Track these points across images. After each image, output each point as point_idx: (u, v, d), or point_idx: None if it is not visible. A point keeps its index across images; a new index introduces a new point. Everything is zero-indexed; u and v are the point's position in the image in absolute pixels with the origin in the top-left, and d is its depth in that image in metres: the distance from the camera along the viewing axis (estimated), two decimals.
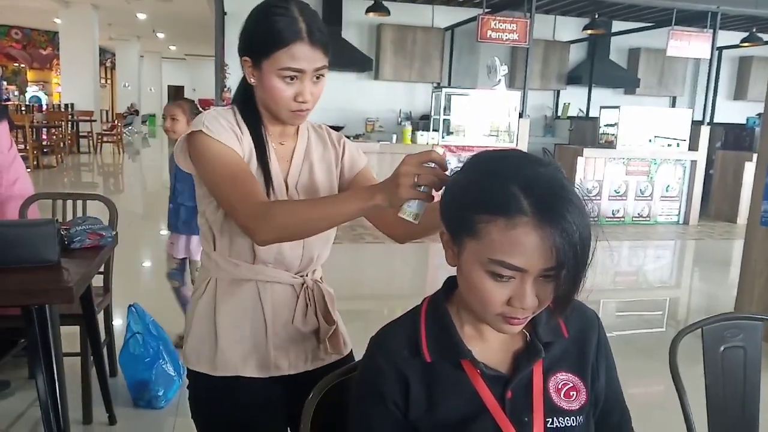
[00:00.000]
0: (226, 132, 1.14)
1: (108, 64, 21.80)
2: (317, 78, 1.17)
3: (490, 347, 0.91)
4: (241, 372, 1.20)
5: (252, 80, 1.18)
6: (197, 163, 1.15)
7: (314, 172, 1.28)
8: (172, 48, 21.35)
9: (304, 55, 1.12)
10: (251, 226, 1.06)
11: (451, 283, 0.94)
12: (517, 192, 0.76)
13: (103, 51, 18.31)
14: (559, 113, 9.73)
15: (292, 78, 1.13)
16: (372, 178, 1.35)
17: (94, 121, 13.55)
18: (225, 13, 7.83)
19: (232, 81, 7.91)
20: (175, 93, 25.36)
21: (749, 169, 7.19)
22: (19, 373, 2.63)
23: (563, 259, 0.75)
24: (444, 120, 7.03)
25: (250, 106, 1.22)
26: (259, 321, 1.21)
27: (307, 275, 1.26)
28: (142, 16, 13.74)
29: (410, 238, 1.26)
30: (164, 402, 2.46)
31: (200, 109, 2.70)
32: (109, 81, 22.43)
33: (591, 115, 9.25)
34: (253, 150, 1.20)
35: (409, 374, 0.88)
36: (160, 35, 17.27)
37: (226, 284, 1.22)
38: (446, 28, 8.61)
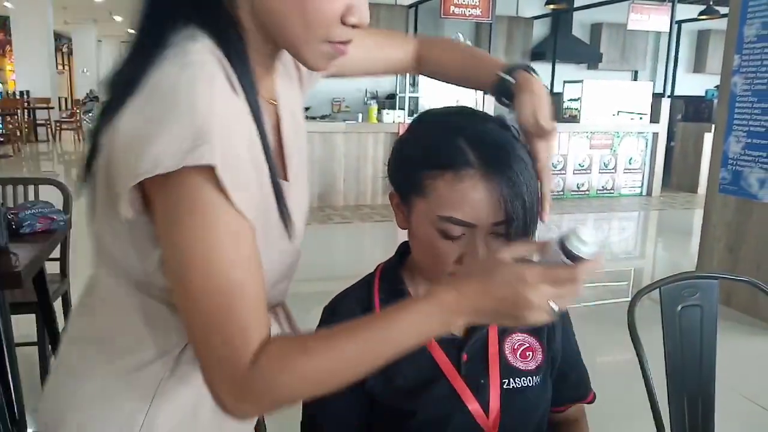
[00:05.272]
0: (243, 173, 0.59)
1: (65, 49, 21.12)
2: None
3: None
4: None
5: None
6: (167, 220, 0.59)
7: (298, 122, 0.79)
8: (132, 32, 20.76)
9: None
10: (229, 398, 0.59)
11: (404, 249, 0.92)
12: (464, 145, 0.75)
13: (58, 36, 17.71)
14: None
15: None
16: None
17: (52, 108, 13.13)
18: None
19: None
20: None
21: (708, 139, 7.32)
22: None
23: (511, 211, 0.74)
24: (410, 98, 7.00)
25: (233, 41, 0.63)
26: None
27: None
28: None
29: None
30: None
31: None
32: (66, 67, 21.75)
33: (555, 90, 9.32)
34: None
35: None
36: (118, 18, 16.75)
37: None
38: (410, 6, 8.53)
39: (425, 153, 0.78)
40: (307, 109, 7.88)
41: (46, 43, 12.81)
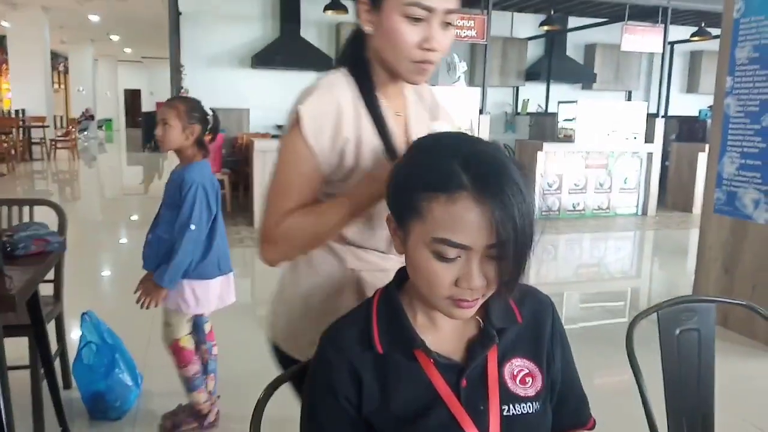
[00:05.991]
0: (322, 133, 1.01)
1: (61, 68, 21.19)
2: (447, 26, 1.00)
3: (443, 336, 0.89)
4: None
5: (367, 27, 1.02)
6: (279, 152, 1.05)
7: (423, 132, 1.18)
8: (128, 51, 20.88)
9: None
10: (261, 245, 1.05)
11: (402, 274, 0.92)
12: (457, 168, 0.75)
13: (55, 55, 17.78)
14: (519, 110, 9.85)
15: (418, 19, 0.97)
16: None
17: (47, 127, 13.14)
18: (180, 14, 7.69)
19: (188, 82, 7.76)
20: (132, 97, 24.82)
21: (702, 159, 7.40)
22: None
23: (504, 234, 0.74)
24: None
25: (361, 68, 1.07)
26: None
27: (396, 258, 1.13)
28: (94, 18, 13.38)
29: None
30: (121, 413, 2.38)
31: (207, 110, 2.21)
32: (62, 86, 21.81)
33: (550, 110, 9.39)
34: (371, 126, 1.05)
35: (361, 367, 0.85)
36: (114, 38, 16.86)
37: (369, 279, 1.09)
38: None
39: (420, 176, 0.79)
40: None
41: (43, 62, 12.86)
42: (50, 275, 2.35)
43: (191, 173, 2.14)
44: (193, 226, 2.11)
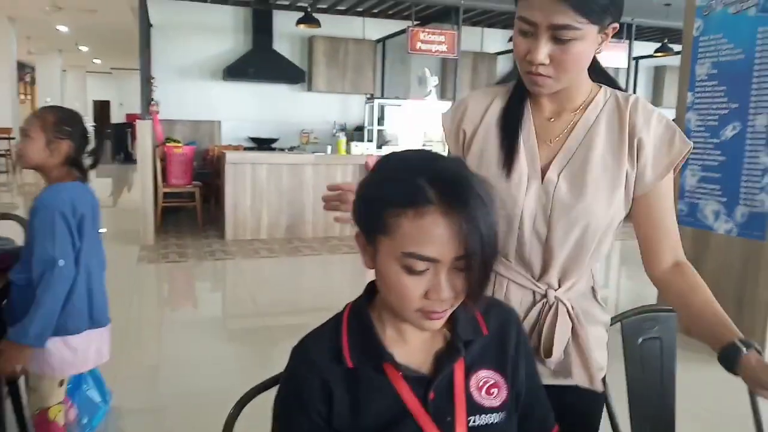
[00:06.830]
0: (447, 124, 1.22)
1: (27, 79, 20.78)
2: (561, 41, 0.98)
3: (411, 349, 0.91)
4: None
5: None
6: None
7: (590, 163, 1.08)
8: (97, 62, 20.58)
9: (539, 3, 0.96)
10: None
11: (372, 288, 0.93)
12: (424, 183, 0.78)
13: (21, 65, 17.43)
14: None
15: (525, 32, 1.00)
16: (665, 205, 1.18)
17: (13, 138, 12.85)
18: (150, 25, 7.63)
19: (159, 94, 7.69)
20: (101, 108, 24.44)
21: None
22: None
23: (471, 245, 0.77)
24: (378, 130, 7.08)
25: (520, 86, 1.14)
26: None
27: (552, 287, 1.13)
28: (63, 29, 13.17)
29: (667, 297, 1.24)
30: (89, 430, 2.34)
31: (87, 127, 1.90)
32: (29, 96, 21.37)
33: None
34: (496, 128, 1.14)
35: (332, 382, 0.87)
36: (84, 48, 16.61)
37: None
38: (377, 40, 8.69)
39: (388, 192, 0.81)
40: (275, 140, 7.91)
41: (9, 72, 12.62)
42: None
43: (46, 197, 1.76)
44: (61, 261, 1.70)
